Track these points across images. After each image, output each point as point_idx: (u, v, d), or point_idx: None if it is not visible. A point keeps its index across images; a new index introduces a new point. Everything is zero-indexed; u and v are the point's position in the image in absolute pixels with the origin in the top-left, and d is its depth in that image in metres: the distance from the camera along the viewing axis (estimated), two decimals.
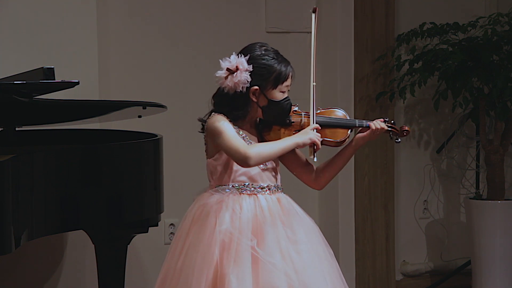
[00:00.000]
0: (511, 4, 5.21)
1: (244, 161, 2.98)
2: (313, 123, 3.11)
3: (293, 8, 5.12)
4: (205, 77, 4.82)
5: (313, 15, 3.18)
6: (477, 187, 5.62)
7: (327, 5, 5.12)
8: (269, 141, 3.12)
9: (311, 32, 3.19)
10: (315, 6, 3.24)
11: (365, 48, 5.18)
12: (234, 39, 4.91)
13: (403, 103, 5.30)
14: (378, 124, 3.18)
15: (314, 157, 3.08)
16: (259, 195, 3.07)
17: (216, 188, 3.08)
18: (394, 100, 5.20)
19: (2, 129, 3.97)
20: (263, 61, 3.07)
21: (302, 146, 3.08)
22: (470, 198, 5.25)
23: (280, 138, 3.12)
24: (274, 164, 3.15)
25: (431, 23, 5.17)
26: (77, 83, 3.37)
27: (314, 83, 3.16)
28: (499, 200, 5.10)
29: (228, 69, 3.04)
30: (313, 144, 3.06)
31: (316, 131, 3.10)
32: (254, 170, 3.07)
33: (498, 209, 5.08)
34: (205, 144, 3.12)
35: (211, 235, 2.97)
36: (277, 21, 5.08)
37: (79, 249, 4.58)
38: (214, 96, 3.13)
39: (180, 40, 4.86)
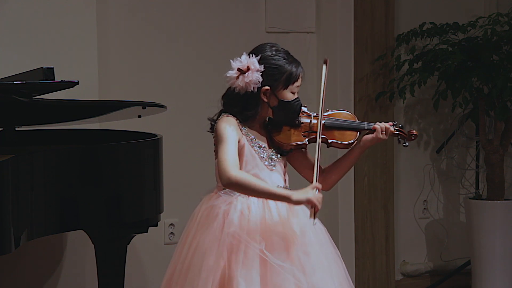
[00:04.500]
0: (510, 4, 5.21)
1: (224, 179, 2.91)
2: (316, 181, 2.97)
3: (293, 8, 5.12)
4: (205, 77, 4.83)
5: (324, 66, 3.13)
6: (477, 187, 5.62)
7: (327, 5, 5.12)
8: (279, 142, 3.10)
9: (321, 83, 3.11)
10: (326, 58, 3.18)
11: (365, 48, 5.18)
12: (234, 39, 4.91)
13: (403, 103, 5.30)
14: (385, 127, 3.17)
15: (314, 219, 2.91)
16: None
17: (225, 189, 3.05)
18: (394, 100, 5.20)
19: (2, 129, 3.97)
20: (274, 61, 3.05)
21: (295, 204, 2.92)
22: (470, 198, 5.25)
23: (289, 139, 3.11)
24: (283, 166, 3.13)
25: (430, 23, 5.17)
26: (77, 83, 3.37)
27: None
28: (498, 200, 5.10)
29: (239, 69, 3.03)
30: (312, 206, 2.91)
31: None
32: (263, 172, 3.06)
33: (497, 209, 5.08)
34: (214, 144, 3.07)
35: (219, 237, 2.95)
36: (277, 21, 5.08)
37: (79, 249, 4.57)
38: (223, 97, 3.11)
39: (180, 40, 4.85)
